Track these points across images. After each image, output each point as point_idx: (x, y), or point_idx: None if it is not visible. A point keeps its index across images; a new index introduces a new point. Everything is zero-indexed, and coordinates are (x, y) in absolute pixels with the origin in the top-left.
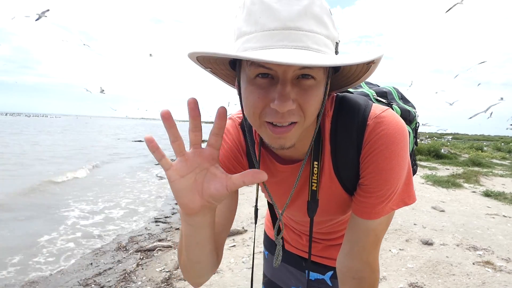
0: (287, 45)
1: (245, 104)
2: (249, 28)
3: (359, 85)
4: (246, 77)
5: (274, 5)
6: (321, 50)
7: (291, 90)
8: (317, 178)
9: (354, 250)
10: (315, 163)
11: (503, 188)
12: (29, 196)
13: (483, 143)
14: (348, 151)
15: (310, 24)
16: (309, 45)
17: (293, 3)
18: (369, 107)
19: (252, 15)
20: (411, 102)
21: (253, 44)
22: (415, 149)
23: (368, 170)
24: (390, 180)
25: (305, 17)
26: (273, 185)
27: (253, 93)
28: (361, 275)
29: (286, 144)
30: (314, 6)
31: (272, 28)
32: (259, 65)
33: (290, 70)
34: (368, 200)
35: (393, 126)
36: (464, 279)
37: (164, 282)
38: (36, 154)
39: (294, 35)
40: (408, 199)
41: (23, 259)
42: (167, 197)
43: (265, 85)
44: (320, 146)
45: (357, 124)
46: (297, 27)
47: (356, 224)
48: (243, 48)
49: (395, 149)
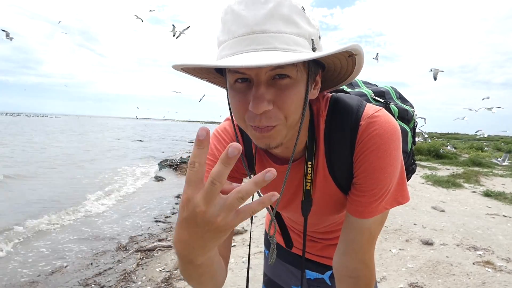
0: (255, 49)
1: (231, 108)
2: (224, 37)
3: (356, 84)
4: (228, 83)
5: (241, 12)
6: (291, 49)
7: (266, 91)
8: (311, 178)
9: (349, 249)
10: (309, 163)
11: (503, 188)
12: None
13: (483, 143)
14: (342, 150)
15: (278, 25)
16: (276, 46)
17: (259, 8)
18: (362, 107)
19: (225, 25)
20: (409, 101)
21: (226, 51)
22: (413, 148)
23: (361, 169)
24: (383, 179)
25: (272, 19)
26: (268, 185)
27: (234, 98)
28: (357, 273)
29: (272, 144)
30: (281, 7)
31: (241, 34)
32: (235, 71)
33: (262, 72)
34: (361, 199)
35: (385, 126)
36: (464, 279)
37: (164, 282)
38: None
39: (261, 38)
40: (402, 199)
41: (23, 258)
42: (167, 197)
43: (244, 89)
44: (314, 146)
45: (350, 124)
46: (263, 30)
47: (350, 223)
48: (220, 56)
49: (387, 149)
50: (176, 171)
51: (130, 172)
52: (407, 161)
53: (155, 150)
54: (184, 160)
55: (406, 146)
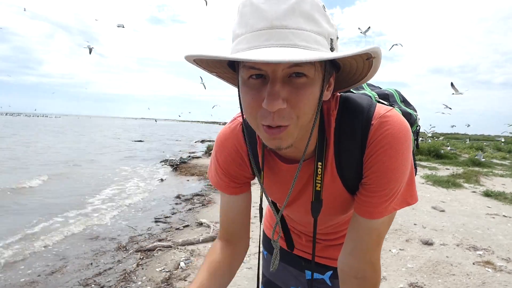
0: (274, 44)
1: (243, 105)
2: (241, 30)
3: (361, 86)
4: (241, 79)
5: (261, 5)
6: (310, 47)
7: (281, 89)
8: (321, 179)
9: (356, 250)
10: (319, 163)
11: (503, 188)
12: (25, 194)
13: (483, 143)
14: (352, 150)
15: (298, 22)
16: (296, 43)
17: (281, 2)
18: (373, 107)
19: (243, 17)
20: (412, 105)
21: (243, 45)
22: (415, 151)
23: (372, 170)
24: (394, 179)
25: (293, 15)
26: (276, 184)
27: (247, 94)
28: (364, 274)
29: (282, 145)
30: (303, 3)
31: (260, 28)
32: (250, 67)
33: (279, 69)
34: (371, 200)
35: (398, 126)
36: (464, 279)
37: (164, 282)
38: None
39: (281, 34)
40: (411, 199)
41: (23, 258)
42: (167, 197)
43: (258, 85)
44: (325, 146)
45: (361, 123)
46: (284, 25)
47: (358, 223)
48: (235, 50)
49: (400, 149)
50: (176, 171)
51: (130, 172)
52: None
53: (157, 150)
54: (184, 160)
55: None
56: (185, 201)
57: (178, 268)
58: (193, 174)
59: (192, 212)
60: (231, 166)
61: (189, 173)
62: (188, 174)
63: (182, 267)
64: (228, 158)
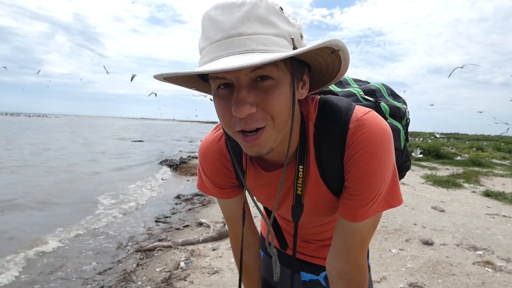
0: (232, 52)
1: (217, 115)
2: (204, 44)
3: (347, 83)
4: (212, 90)
5: (218, 17)
6: (269, 49)
7: (248, 95)
8: (302, 182)
9: (341, 252)
10: (300, 167)
11: (503, 188)
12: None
13: (483, 143)
14: (332, 154)
15: (254, 27)
16: (253, 48)
17: (235, 11)
18: (351, 110)
19: (204, 31)
20: (402, 98)
21: (206, 58)
22: (407, 145)
23: (351, 173)
24: (373, 183)
25: (248, 22)
26: (261, 188)
27: (218, 104)
28: (349, 276)
29: (262, 151)
30: (256, 9)
31: (218, 39)
32: (215, 77)
33: (241, 75)
34: (352, 203)
35: (374, 129)
36: (464, 279)
37: (164, 282)
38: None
39: (237, 41)
40: (394, 201)
41: (23, 257)
42: (167, 197)
43: (227, 94)
44: (305, 150)
45: (339, 127)
46: (240, 33)
47: (342, 226)
48: (200, 63)
49: (377, 152)
50: (176, 171)
51: (131, 171)
52: (400, 159)
53: (157, 150)
54: (184, 160)
55: (399, 143)
56: (185, 201)
57: (178, 268)
58: (193, 174)
59: (192, 212)
60: (217, 175)
61: (189, 173)
62: (188, 174)
63: (182, 267)
64: (212, 168)
